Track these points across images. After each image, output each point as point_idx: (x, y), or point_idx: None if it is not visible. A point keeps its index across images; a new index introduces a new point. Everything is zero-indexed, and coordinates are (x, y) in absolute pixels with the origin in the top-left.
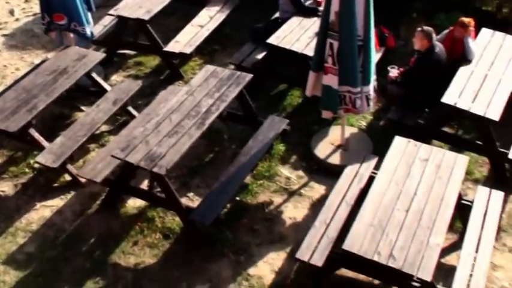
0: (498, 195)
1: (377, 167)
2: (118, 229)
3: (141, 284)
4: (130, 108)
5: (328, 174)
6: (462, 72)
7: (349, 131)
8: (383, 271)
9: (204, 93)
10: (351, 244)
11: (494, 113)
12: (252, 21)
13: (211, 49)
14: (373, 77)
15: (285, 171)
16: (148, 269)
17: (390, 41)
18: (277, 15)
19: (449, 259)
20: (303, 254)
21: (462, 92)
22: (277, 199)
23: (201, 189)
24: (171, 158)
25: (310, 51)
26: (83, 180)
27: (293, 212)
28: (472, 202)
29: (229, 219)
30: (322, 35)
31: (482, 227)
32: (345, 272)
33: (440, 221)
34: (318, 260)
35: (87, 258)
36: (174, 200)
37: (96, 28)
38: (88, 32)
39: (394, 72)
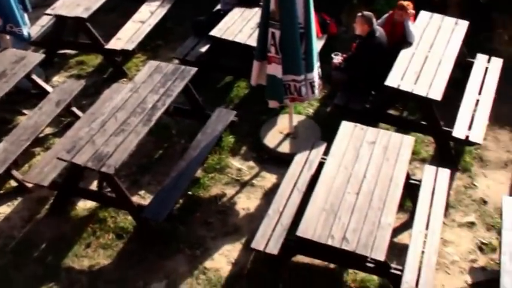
0: (445, 173)
1: (326, 152)
2: (69, 232)
3: (97, 286)
4: (74, 109)
5: (278, 163)
6: (403, 54)
7: (297, 119)
8: (338, 254)
9: (149, 89)
10: (304, 230)
11: (436, 93)
12: (194, 15)
13: (154, 44)
14: (316, 64)
15: (235, 162)
16: (103, 271)
17: (332, 28)
18: (218, 7)
19: (402, 238)
20: (258, 243)
21: (404, 74)
22: (230, 191)
23: (152, 186)
24: (119, 156)
25: (253, 42)
26: (29, 185)
27: (246, 202)
28: (420, 181)
29: (182, 214)
30: (263, 25)
31: (431, 205)
32: (300, 258)
33: (391, 202)
34: (273, 248)
35: (39, 264)
36: (125, 199)
37: (33, 29)
38: (25, 33)
39: (337, 58)
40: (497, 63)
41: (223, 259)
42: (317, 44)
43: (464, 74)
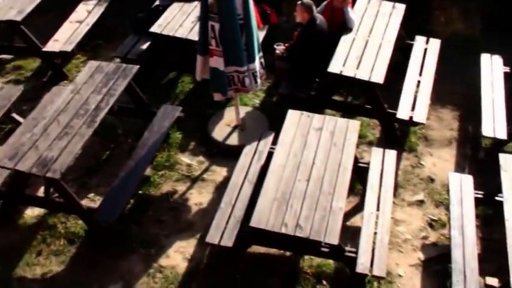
0: (392, 154)
1: (274, 142)
2: (19, 241)
3: None
4: (14, 115)
5: (228, 156)
6: (344, 40)
7: (244, 110)
8: (292, 242)
9: (91, 90)
10: (257, 220)
11: (378, 77)
12: (133, 12)
13: (94, 44)
14: (258, 55)
15: (185, 158)
16: (56, 278)
17: (273, 18)
18: (157, 2)
19: (354, 221)
20: (212, 237)
21: (346, 59)
22: (181, 187)
23: (101, 188)
24: (64, 160)
25: (194, 36)
26: None
27: (198, 198)
28: (368, 164)
29: (134, 214)
30: (203, 18)
31: (380, 186)
32: (256, 248)
33: (341, 186)
34: (228, 241)
35: None
36: (74, 203)
37: None
38: None
39: (280, 48)
40: (435, 44)
41: (178, 256)
42: (258, 35)
43: (404, 56)
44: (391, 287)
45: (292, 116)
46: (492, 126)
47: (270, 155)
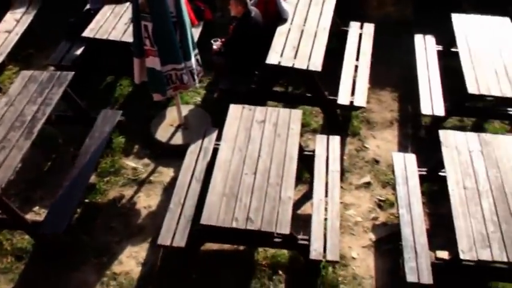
0: (336, 140)
1: (219, 138)
2: None
3: None
4: None
5: (174, 156)
6: (280, 31)
7: (186, 109)
8: (245, 235)
9: (26, 101)
10: (208, 217)
11: (316, 65)
12: (64, 17)
13: (26, 54)
14: (193, 52)
15: (130, 162)
16: None
17: (207, 14)
18: (88, 6)
19: (305, 209)
20: (164, 239)
21: (283, 50)
22: (128, 192)
23: (46, 201)
24: (3, 175)
25: (129, 38)
26: None
27: (147, 201)
28: (313, 152)
29: (82, 223)
30: (136, 19)
31: (327, 173)
32: (209, 246)
33: (288, 176)
34: (180, 241)
35: None
36: (18, 218)
37: None
38: None
39: (217, 44)
40: (369, 28)
41: (132, 261)
42: (193, 32)
43: (340, 42)
44: (345, 270)
45: (234, 111)
46: (430, 104)
47: (215, 151)
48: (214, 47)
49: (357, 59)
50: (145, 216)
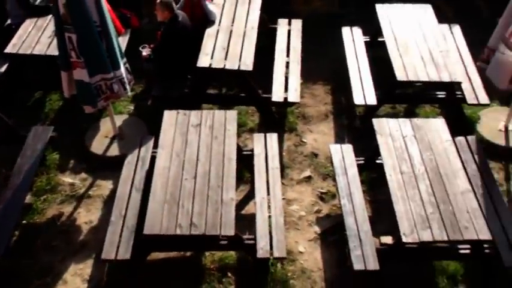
0: (273, 137)
1: (156, 145)
2: None
3: None
4: None
5: (111, 168)
6: (208, 33)
7: (120, 119)
8: (190, 241)
9: None
10: (151, 227)
11: (247, 64)
12: None
13: None
14: (122, 60)
15: (66, 178)
16: None
17: (134, 21)
18: (9, 21)
19: (248, 209)
20: (108, 253)
21: (213, 52)
22: (67, 209)
23: None
24: None
25: (54, 51)
26: None
27: (87, 216)
28: (252, 151)
29: (21, 245)
30: (59, 31)
31: (267, 171)
32: (156, 255)
33: (228, 177)
34: (125, 254)
35: None
36: None
37: None
38: None
39: (146, 50)
40: (297, 24)
41: (77, 279)
42: (121, 40)
43: (270, 40)
44: (294, 265)
45: (169, 117)
46: (362, 94)
47: (153, 159)
48: (144, 53)
49: (288, 56)
50: (87, 232)
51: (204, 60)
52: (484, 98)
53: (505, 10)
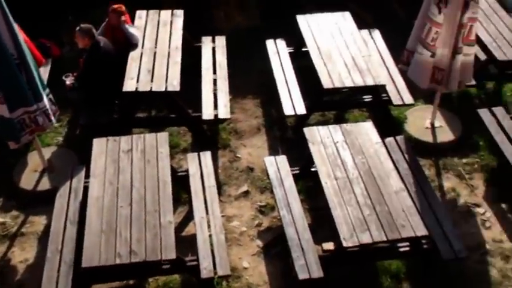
0: (207, 155)
1: (88, 175)
2: None
3: None
4: None
5: (43, 202)
6: (132, 57)
7: (49, 151)
8: (131, 269)
9: None
10: (89, 259)
11: (174, 85)
12: None
13: None
14: (45, 92)
15: None
16: None
17: (54, 50)
18: None
19: (189, 230)
20: None
21: (139, 75)
22: (0, 249)
23: None
24: None
25: None
26: None
27: (22, 254)
28: (187, 171)
29: None
30: None
31: (204, 190)
32: (98, 287)
33: (164, 200)
34: None
35: None
36: None
37: None
38: None
39: (69, 79)
40: (221, 40)
41: None
42: (42, 71)
43: (195, 58)
44: (239, 282)
45: (99, 144)
46: (291, 104)
47: (86, 189)
48: (67, 82)
49: (214, 73)
50: (24, 271)
51: (129, 85)
52: (408, 98)
53: (420, 11)
